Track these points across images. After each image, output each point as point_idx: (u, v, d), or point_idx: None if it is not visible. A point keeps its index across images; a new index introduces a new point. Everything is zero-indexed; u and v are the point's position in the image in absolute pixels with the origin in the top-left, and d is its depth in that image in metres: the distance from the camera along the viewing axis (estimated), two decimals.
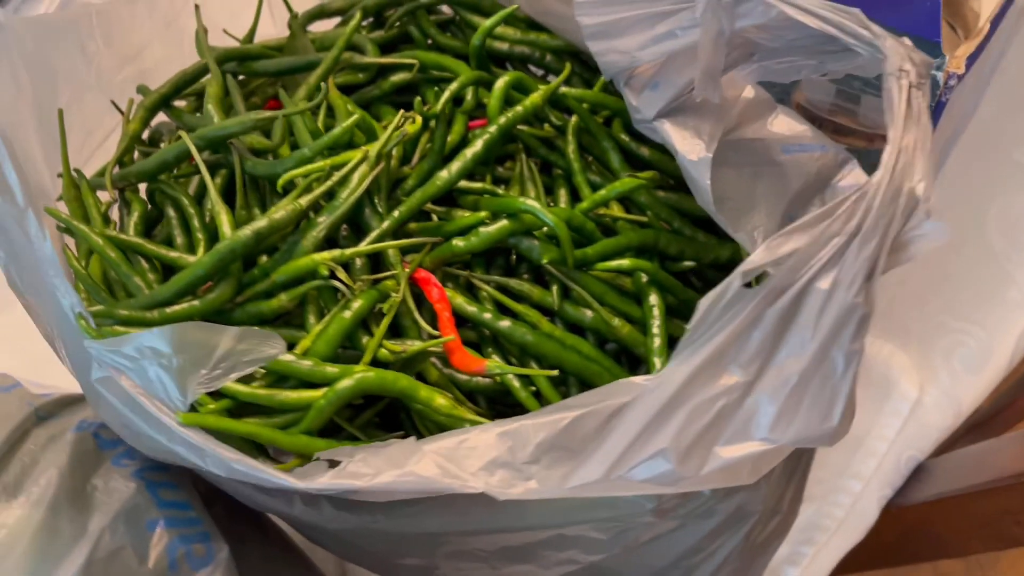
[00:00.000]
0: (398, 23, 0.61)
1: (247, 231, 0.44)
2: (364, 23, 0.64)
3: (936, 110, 0.50)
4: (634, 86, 0.41)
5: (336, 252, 0.44)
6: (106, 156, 0.57)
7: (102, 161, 0.57)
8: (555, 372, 0.45)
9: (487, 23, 0.52)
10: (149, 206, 0.53)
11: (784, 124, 0.45)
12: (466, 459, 0.34)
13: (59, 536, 0.43)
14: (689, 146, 0.40)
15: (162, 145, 0.60)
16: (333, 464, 0.38)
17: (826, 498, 0.63)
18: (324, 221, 0.45)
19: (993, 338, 0.66)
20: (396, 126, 0.47)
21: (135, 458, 0.48)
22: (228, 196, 0.53)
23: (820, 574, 0.62)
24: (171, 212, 0.52)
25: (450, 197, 0.52)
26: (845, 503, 0.63)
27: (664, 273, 0.49)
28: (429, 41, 0.61)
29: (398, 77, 0.57)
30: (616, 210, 0.52)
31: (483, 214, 0.49)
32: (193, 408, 0.39)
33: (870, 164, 0.49)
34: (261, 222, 0.44)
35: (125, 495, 0.45)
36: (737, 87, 0.42)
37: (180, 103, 0.60)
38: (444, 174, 0.48)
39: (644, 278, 0.49)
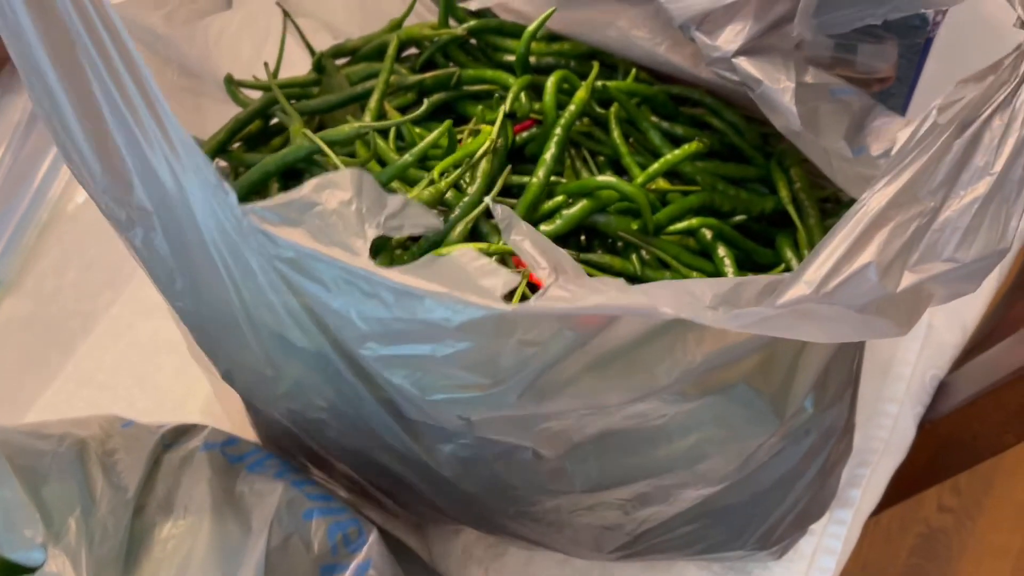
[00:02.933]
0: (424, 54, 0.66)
1: None
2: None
3: (924, 48, 0.57)
4: (707, 29, 0.47)
5: (483, 245, 0.48)
6: None
7: None
8: None
9: (531, 28, 0.57)
10: None
11: (820, 76, 0.51)
12: (654, 300, 0.36)
13: (231, 534, 0.44)
14: (771, 76, 0.46)
15: None
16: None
17: (869, 423, 0.69)
18: (462, 215, 0.50)
19: None
20: (498, 120, 0.53)
21: (267, 466, 0.50)
22: None
23: (878, 490, 0.68)
24: None
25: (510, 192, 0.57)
26: (887, 425, 0.69)
27: (726, 227, 0.55)
28: (451, 65, 0.66)
29: (437, 96, 0.62)
30: (662, 184, 0.58)
31: (561, 198, 0.54)
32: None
33: None
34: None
35: (276, 493, 0.47)
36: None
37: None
38: (535, 180, 0.53)
39: (709, 234, 0.55)
